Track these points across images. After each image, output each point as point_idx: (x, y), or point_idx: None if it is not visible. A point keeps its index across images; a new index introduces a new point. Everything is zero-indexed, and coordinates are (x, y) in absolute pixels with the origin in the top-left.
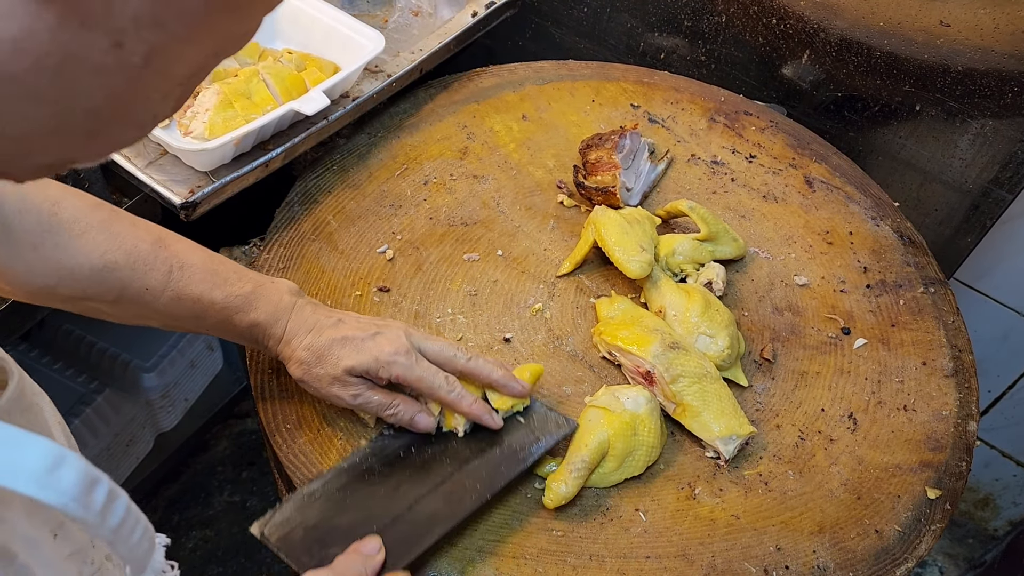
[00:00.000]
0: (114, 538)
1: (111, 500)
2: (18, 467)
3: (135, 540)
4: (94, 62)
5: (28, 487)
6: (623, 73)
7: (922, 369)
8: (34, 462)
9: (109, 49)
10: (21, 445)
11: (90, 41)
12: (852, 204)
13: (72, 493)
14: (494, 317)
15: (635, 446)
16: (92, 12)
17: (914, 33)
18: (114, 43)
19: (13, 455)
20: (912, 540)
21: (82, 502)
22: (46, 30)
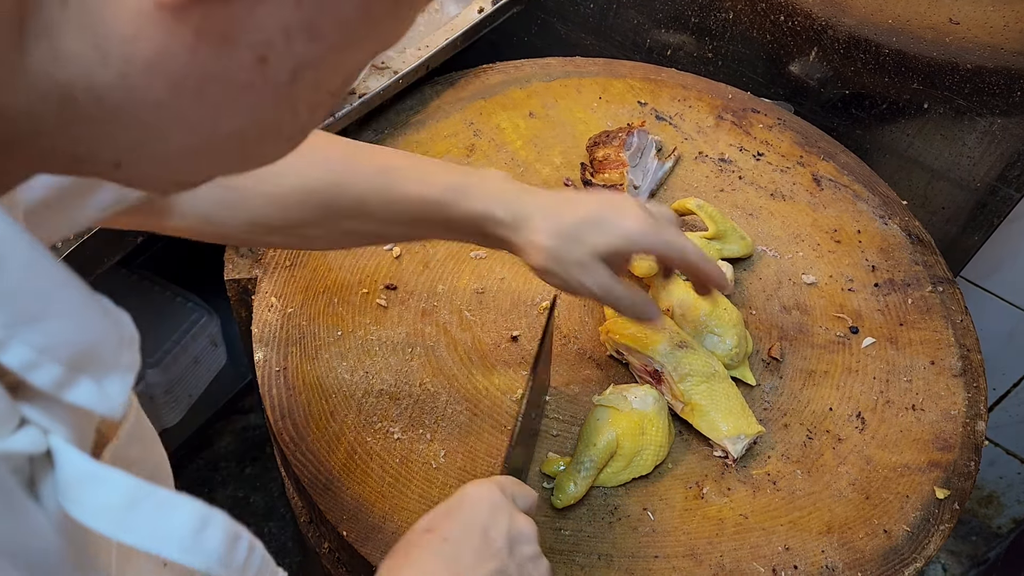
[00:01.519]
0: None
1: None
2: (166, 533)
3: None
4: (237, 81)
5: (175, 552)
6: (630, 70)
7: (930, 368)
8: (182, 526)
9: (253, 66)
10: (170, 509)
11: (232, 58)
12: (860, 202)
13: (217, 555)
14: (501, 315)
15: (643, 445)
16: (233, 26)
17: (923, 31)
18: (258, 58)
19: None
20: (921, 540)
21: (225, 561)
22: (183, 50)
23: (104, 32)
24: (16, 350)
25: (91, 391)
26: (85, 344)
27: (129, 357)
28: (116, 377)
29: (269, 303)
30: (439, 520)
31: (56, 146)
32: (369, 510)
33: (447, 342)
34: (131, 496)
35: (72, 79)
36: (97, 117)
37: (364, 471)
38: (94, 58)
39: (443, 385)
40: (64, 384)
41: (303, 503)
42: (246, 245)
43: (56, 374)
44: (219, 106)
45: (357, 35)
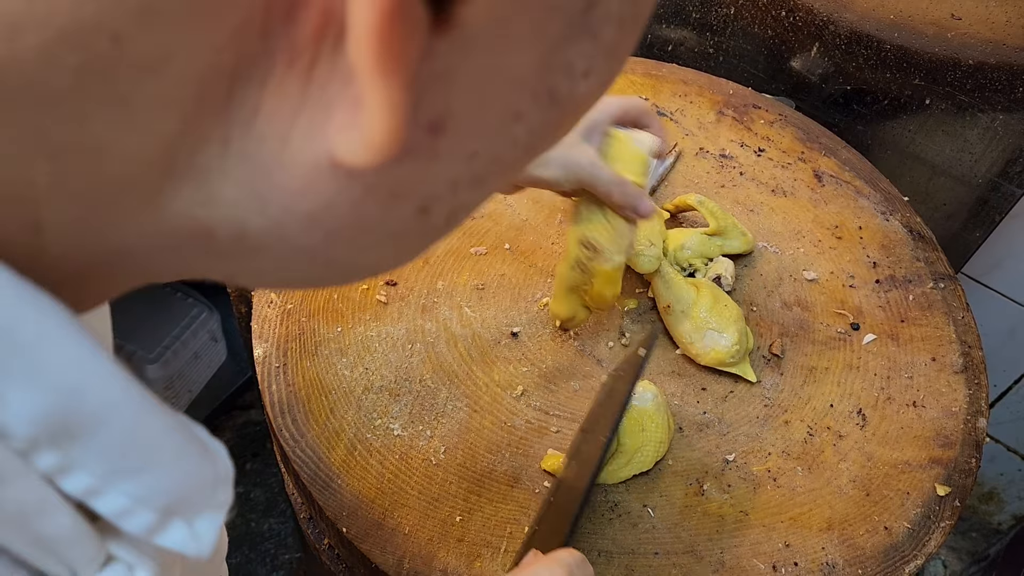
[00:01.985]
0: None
1: None
2: None
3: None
4: (393, 228)
5: None
6: (631, 65)
7: (931, 365)
8: None
9: (414, 216)
10: None
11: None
12: (861, 198)
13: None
14: (501, 311)
15: (643, 442)
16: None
17: (925, 26)
18: (421, 210)
19: None
20: (921, 537)
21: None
22: (348, 203)
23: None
24: (111, 499)
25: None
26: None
27: (224, 495)
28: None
29: (269, 299)
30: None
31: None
32: (369, 506)
33: (447, 338)
34: None
35: (217, 221)
36: (232, 252)
37: (364, 467)
38: (251, 206)
39: (443, 381)
40: (156, 530)
41: (303, 499)
42: None
43: (149, 521)
44: (368, 250)
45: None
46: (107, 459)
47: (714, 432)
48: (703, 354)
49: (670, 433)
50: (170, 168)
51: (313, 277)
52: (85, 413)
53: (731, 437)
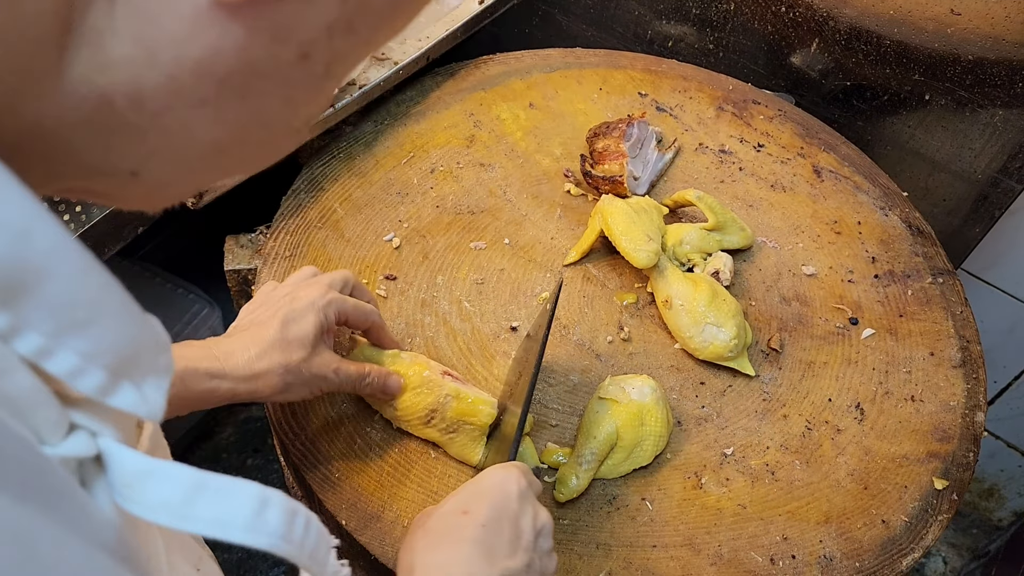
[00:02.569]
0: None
1: (307, 528)
2: (230, 516)
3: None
4: (279, 77)
5: (241, 535)
6: (631, 61)
7: (930, 359)
8: (242, 510)
9: (296, 62)
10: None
11: (278, 56)
12: (860, 194)
13: (280, 531)
14: (501, 306)
15: (643, 436)
16: (284, 24)
17: (924, 22)
18: (302, 55)
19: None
20: (919, 530)
21: (287, 538)
22: (234, 48)
23: (155, 35)
24: (62, 357)
25: (132, 395)
26: (127, 349)
27: (165, 360)
28: (154, 380)
29: None
30: (473, 502)
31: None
32: (368, 500)
33: (446, 332)
34: (191, 487)
35: (115, 85)
36: (133, 123)
37: (363, 461)
38: (142, 61)
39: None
40: (107, 390)
41: (303, 493)
42: None
43: (100, 380)
44: (258, 102)
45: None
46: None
47: (712, 426)
48: (702, 348)
49: (669, 427)
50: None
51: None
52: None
53: (729, 431)
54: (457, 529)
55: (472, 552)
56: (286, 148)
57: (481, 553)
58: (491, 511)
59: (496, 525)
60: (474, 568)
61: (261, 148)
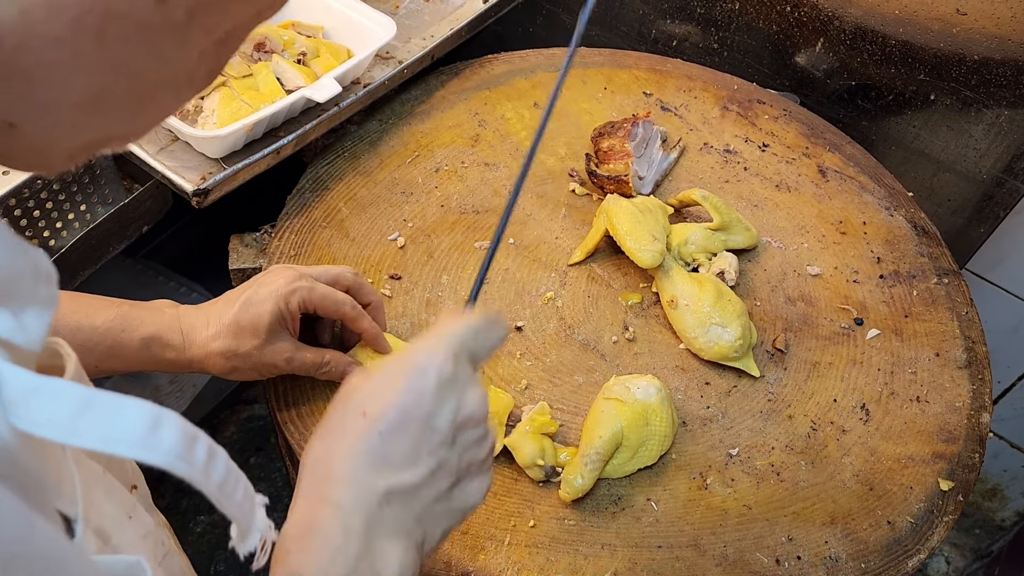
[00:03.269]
0: (220, 495)
1: (211, 456)
2: (120, 432)
3: (239, 497)
4: (137, 20)
5: (132, 451)
6: (635, 61)
7: (935, 360)
8: (134, 425)
9: (152, 6)
10: (120, 409)
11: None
12: (866, 194)
13: (176, 451)
14: (506, 305)
15: (648, 436)
16: None
17: (929, 21)
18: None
19: (114, 420)
20: (924, 531)
21: (186, 459)
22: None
23: None
24: None
25: (9, 322)
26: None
27: (47, 292)
28: (34, 311)
29: None
30: (377, 402)
31: None
32: None
33: None
34: (79, 402)
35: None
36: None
37: None
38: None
39: None
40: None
41: None
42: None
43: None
44: (118, 45)
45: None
46: None
47: (718, 426)
48: (707, 349)
49: (674, 428)
50: None
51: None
52: None
53: (735, 432)
54: (351, 432)
55: (358, 465)
56: (168, 106)
57: (369, 464)
58: (395, 415)
59: (398, 432)
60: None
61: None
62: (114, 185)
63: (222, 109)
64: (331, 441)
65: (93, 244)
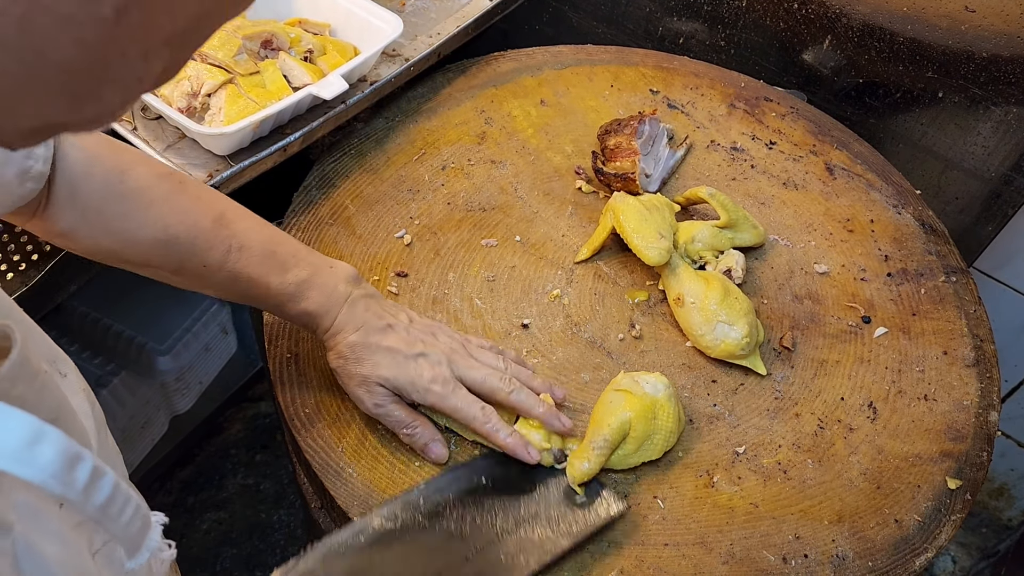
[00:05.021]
0: (101, 516)
1: (96, 478)
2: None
3: (125, 519)
4: (60, 12)
5: (5, 463)
6: (642, 58)
7: (943, 358)
8: (12, 437)
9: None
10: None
11: None
12: (873, 192)
13: (51, 470)
14: (512, 303)
15: (654, 430)
16: None
17: (938, 19)
18: None
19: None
20: (932, 530)
21: (62, 479)
22: None
23: None
24: None
25: None
26: None
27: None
28: None
29: None
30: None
31: None
32: (380, 496)
33: (458, 329)
34: None
35: None
36: None
37: (374, 457)
38: None
39: None
40: None
41: (314, 489)
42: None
43: None
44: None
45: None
46: None
47: (724, 424)
48: (713, 347)
49: (681, 425)
50: None
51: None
52: None
53: (741, 429)
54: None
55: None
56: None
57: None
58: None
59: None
60: None
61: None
62: None
63: (229, 106)
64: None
65: None
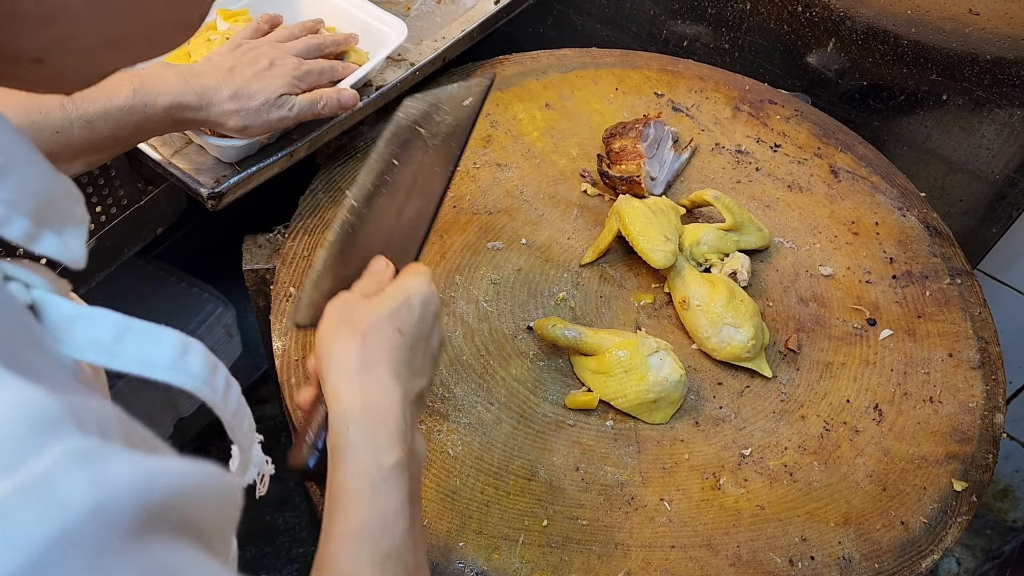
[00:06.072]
0: (233, 422)
1: (228, 385)
2: (153, 358)
3: (246, 428)
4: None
5: (166, 374)
6: (647, 61)
7: (948, 361)
8: (166, 351)
9: None
10: (153, 337)
11: None
12: (878, 194)
13: (202, 376)
14: (518, 305)
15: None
16: None
17: (942, 21)
18: None
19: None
20: (938, 532)
21: (210, 384)
22: None
23: None
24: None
25: (55, 242)
26: (45, 196)
27: (80, 211)
28: (72, 230)
29: (287, 293)
30: (404, 319)
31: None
32: None
33: (464, 332)
34: (117, 328)
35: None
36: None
37: None
38: None
39: (460, 375)
40: (33, 237)
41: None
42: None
43: (25, 227)
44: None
45: None
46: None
47: (730, 427)
48: (719, 349)
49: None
50: None
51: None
52: None
53: (747, 432)
54: (392, 348)
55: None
56: (180, 40)
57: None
58: (416, 331)
59: (416, 345)
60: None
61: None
62: (129, 187)
63: None
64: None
65: (108, 246)
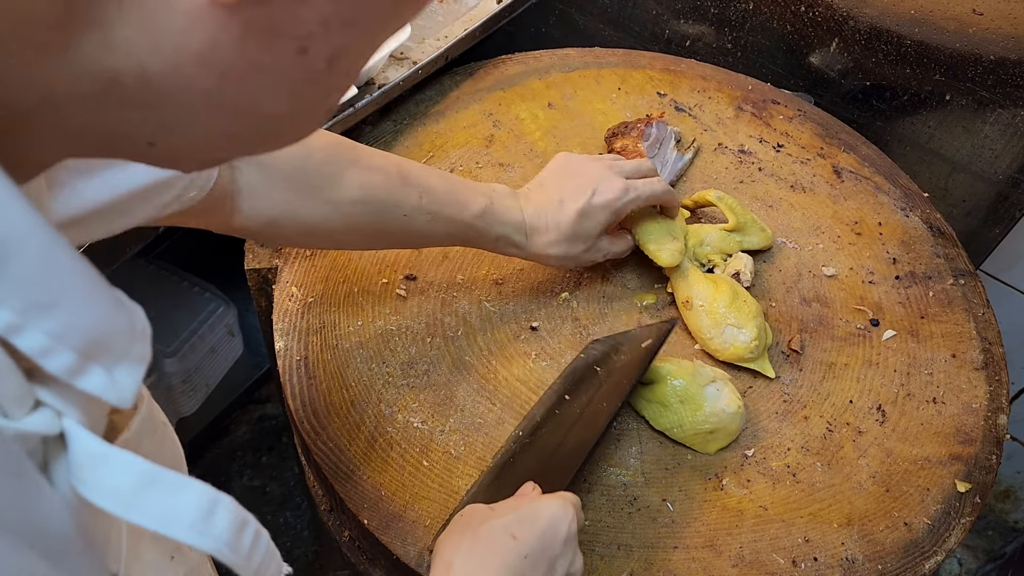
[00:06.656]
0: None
1: (256, 540)
2: (176, 514)
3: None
4: (279, 70)
5: (186, 535)
6: (649, 61)
7: (952, 361)
8: (191, 508)
9: (295, 56)
10: (179, 491)
11: (276, 50)
12: (881, 194)
13: (225, 538)
14: (520, 306)
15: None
16: (278, 21)
17: (945, 21)
18: (299, 49)
19: (172, 502)
20: (941, 533)
21: (233, 546)
22: (231, 42)
23: (158, 25)
24: (31, 335)
25: (102, 379)
26: (98, 333)
27: (141, 349)
28: (127, 367)
29: (290, 292)
30: (525, 529)
31: (91, 126)
32: (390, 498)
33: (466, 332)
34: (142, 477)
35: (122, 66)
36: (143, 100)
37: (384, 460)
38: (146, 48)
39: (463, 375)
40: (76, 371)
41: (323, 491)
42: (295, 246)
43: (69, 361)
44: (261, 93)
45: (386, 19)
46: (23, 292)
47: None
48: (722, 350)
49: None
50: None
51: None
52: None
53: (750, 432)
54: (502, 550)
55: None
56: (304, 134)
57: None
58: (537, 544)
59: (536, 560)
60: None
61: (275, 137)
62: None
63: None
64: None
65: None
